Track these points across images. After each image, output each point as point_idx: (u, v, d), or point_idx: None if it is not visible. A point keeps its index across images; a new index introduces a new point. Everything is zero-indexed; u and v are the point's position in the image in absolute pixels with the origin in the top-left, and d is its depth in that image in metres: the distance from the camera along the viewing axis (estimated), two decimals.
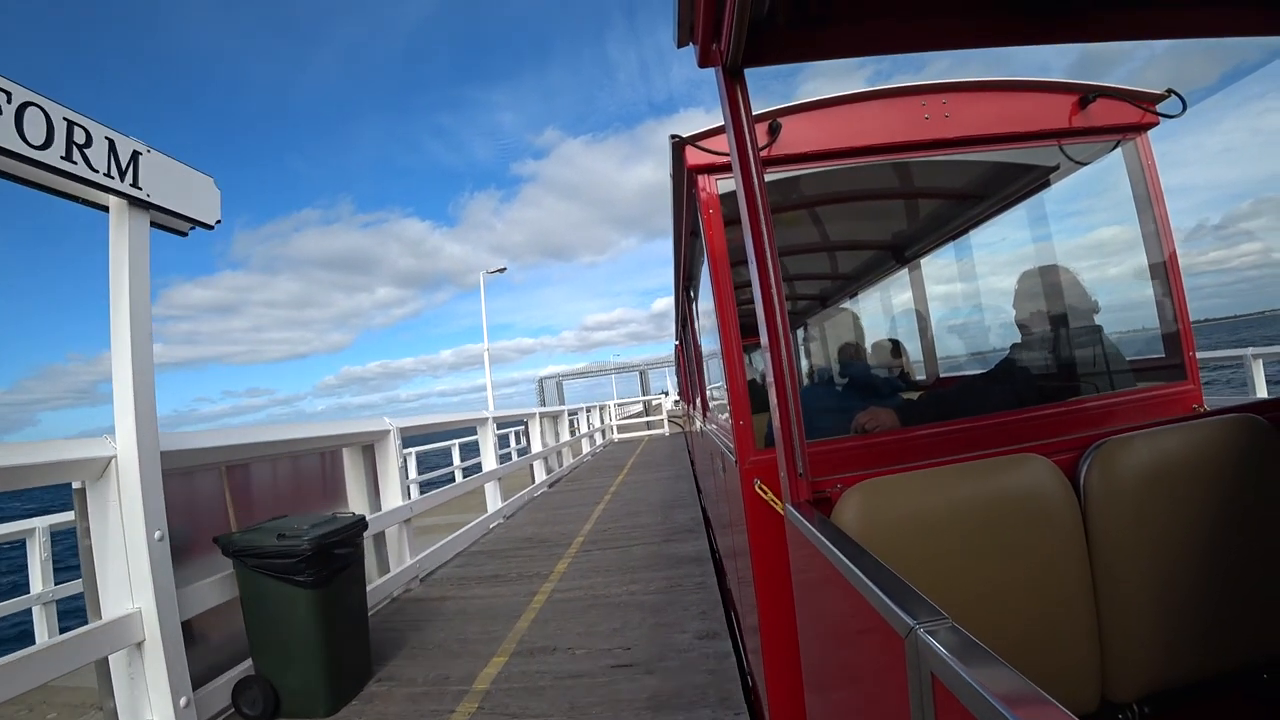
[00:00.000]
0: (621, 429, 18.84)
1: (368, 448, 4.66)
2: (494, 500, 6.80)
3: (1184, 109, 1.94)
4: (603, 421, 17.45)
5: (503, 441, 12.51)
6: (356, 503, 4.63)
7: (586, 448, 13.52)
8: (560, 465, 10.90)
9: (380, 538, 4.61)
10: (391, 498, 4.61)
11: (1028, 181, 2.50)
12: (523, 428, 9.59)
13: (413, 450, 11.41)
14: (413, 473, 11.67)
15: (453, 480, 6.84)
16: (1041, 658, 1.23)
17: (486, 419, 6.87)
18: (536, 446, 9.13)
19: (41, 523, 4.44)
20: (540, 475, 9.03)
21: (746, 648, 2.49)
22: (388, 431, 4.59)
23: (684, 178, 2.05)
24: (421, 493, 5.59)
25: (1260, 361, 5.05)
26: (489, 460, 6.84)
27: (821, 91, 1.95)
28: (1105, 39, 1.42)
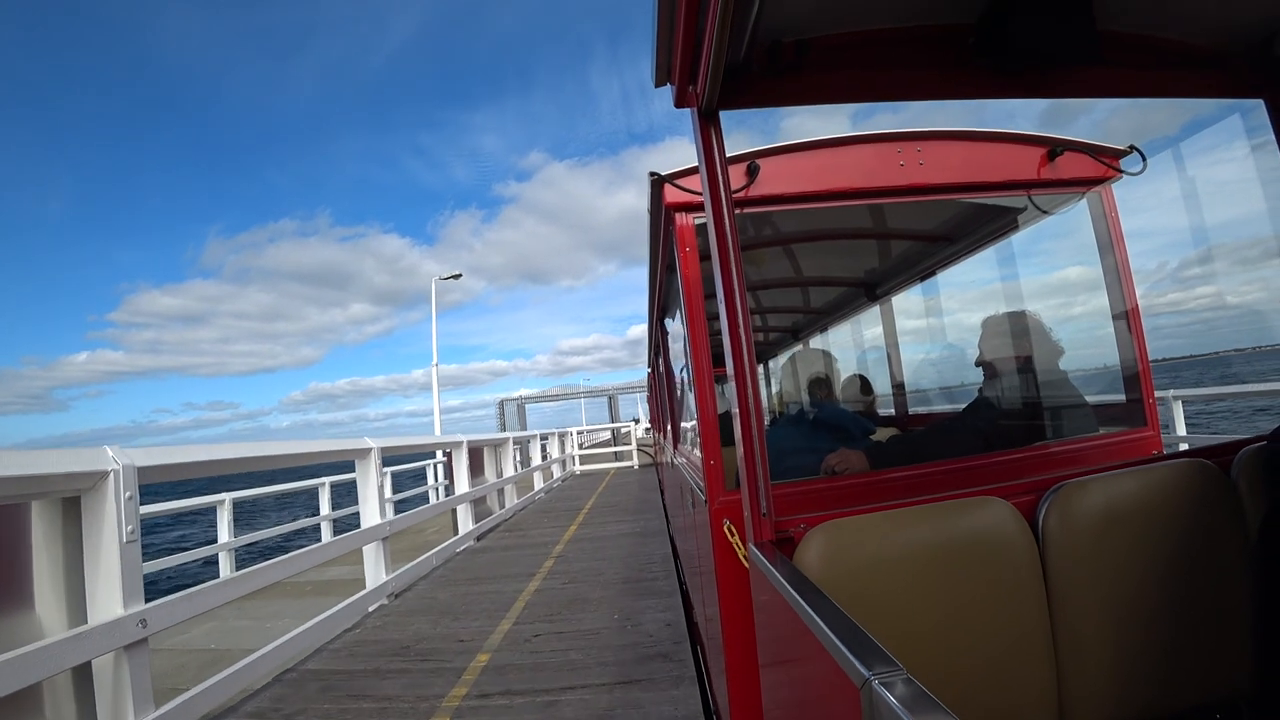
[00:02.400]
0: (585, 459, 16.58)
1: (71, 503, 2.50)
2: (377, 570, 4.59)
3: (1144, 166, 2.01)
4: (563, 450, 15.23)
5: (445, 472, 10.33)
6: (50, 608, 2.47)
7: (539, 483, 11.28)
8: (501, 506, 8.68)
9: (86, 677, 2.44)
10: (106, 602, 2.44)
11: (997, 226, 2.53)
12: (447, 460, 7.41)
13: (317, 483, 9.12)
14: (326, 506, 9.45)
15: (327, 537, 4.66)
16: (999, 698, 1.23)
17: (369, 451, 4.68)
18: (461, 486, 6.94)
19: None
20: (466, 524, 6.81)
21: (716, 697, 2.40)
22: (106, 474, 2.44)
23: (662, 214, 2.05)
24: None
25: None
26: (370, 512, 4.65)
27: (803, 127, 2.11)
28: (1068, 95, 1.47)
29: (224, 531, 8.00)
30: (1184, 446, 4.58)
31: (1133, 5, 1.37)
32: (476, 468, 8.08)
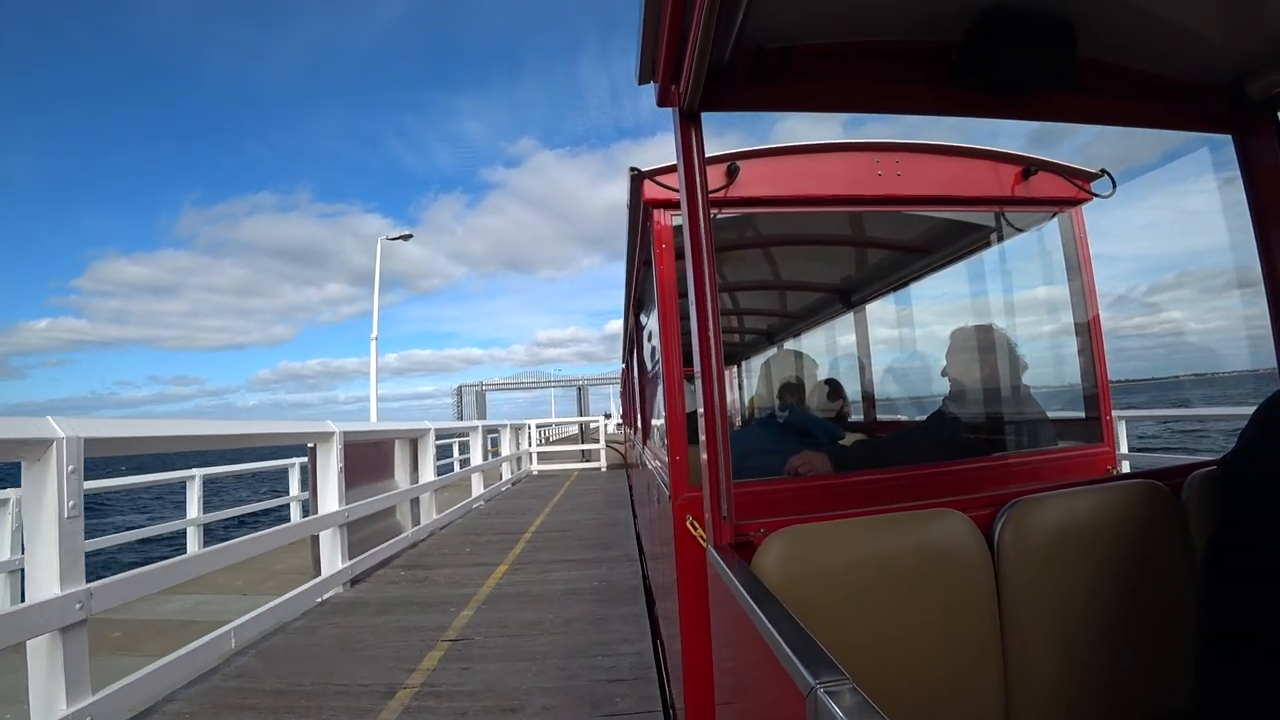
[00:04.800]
0: (545, 457, 14.23)
1: None
2: (51, 686, 2.21)
3: (1114, 189, 2.02)
4: (518, 446, 12.82)
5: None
6: None
7: (479, 488, 8.90)
8: (415, 523, 6.31)
9: None
10: None
11: (970, 241, 2.55)
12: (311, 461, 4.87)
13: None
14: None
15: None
16: (948, 709, 1.23)
17: (44, 445, 2.27)
18: (330, 504, 4.53)
19: None
20: (334, 560, 4.40)
21: (673, 693, 2.41)
22: None
23: (640, 210, 2.04)
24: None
25: None
26: (43, 573, 2.25)
27: (795, 131, 2.08)
28: (1048, 119, 1.51)
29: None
30: None
31: (1114, 36, 1.38)
32: (377, 470, 5.72)
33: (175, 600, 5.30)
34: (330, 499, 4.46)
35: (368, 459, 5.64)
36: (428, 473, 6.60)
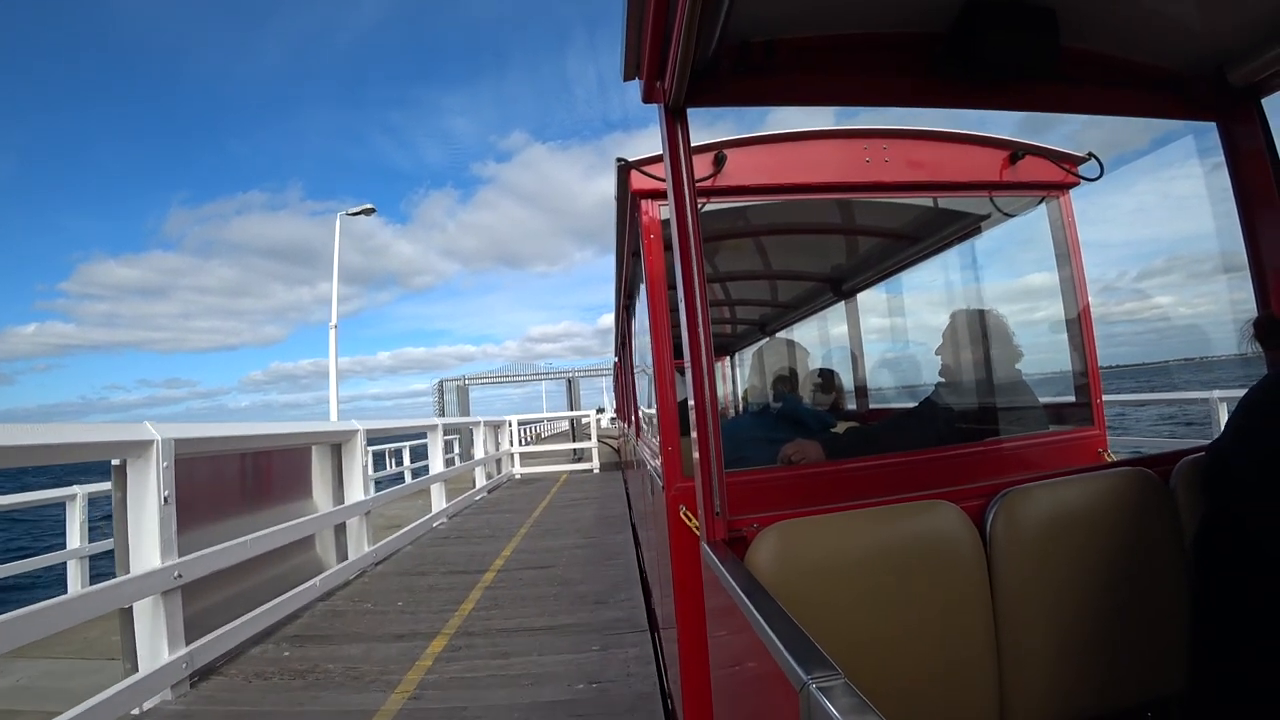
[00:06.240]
0: (530, 458, 12.57)
1: None
2: None
3: (1101, 173, 2.01)
4: (496, 447, 11.13)
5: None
6: None
7: (439, 503, 7.23)
8: (342, 558, 4.66)
9: None
10: None
11: (959, 228, 2.54)
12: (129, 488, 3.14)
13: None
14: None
15: None
16: (942, 701, 1.23)
17: None
18: (146, 559, 2.87)
19: None
20: (159, 652, 2.73)
21: (670, 685, 2.41)
22: None
23: (628, 200, 2.03)
24: None
25: None
26: None
27: (788, 122, 1.97)
28: (1034, 109, 1.50)
29: None
30: None
31: (1097, 25, 1.38)
32: (282, 490, 4.13)
33: (19, 667, 3.60)
34: (148, 549, 2.76)
35: (267, 473, 4.02)
36: (355, 490, 4.91)
